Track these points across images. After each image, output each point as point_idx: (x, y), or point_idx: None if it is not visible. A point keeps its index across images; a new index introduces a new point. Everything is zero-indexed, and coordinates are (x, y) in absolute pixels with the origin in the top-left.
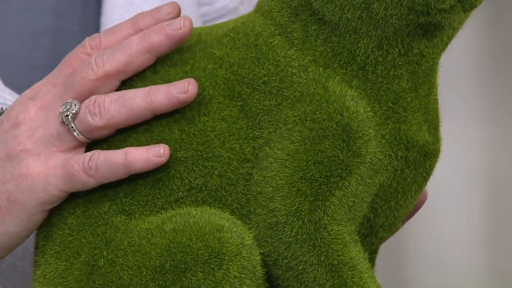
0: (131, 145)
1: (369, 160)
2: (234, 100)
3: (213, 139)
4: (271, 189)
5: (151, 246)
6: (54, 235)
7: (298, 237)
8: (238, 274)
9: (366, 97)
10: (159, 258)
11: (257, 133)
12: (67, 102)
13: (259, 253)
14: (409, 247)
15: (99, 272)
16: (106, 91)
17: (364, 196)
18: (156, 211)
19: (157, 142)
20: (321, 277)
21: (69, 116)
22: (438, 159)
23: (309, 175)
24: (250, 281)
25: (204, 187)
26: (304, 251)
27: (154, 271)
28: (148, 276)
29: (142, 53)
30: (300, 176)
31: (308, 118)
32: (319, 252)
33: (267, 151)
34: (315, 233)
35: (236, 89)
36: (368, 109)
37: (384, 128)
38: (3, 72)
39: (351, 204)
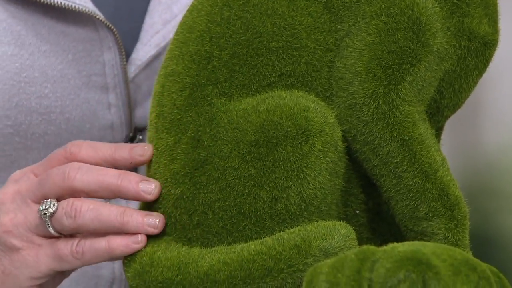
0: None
1: (436, 49)
2: None
3: (301, 32)
4: (350, 75)
5: (247, 124)
6: (165, 114)
7: (374, 116)
8: (322, 148)
9: None
10: (254, 134)
11: (339, 26)
12: (47, 201)
13: (340, 130)
14: (480, 109)
15: (203, 145)
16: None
17: (432, 81)
18: (251, 94)
19: (252, 34)
20: (394, 151)
21: (47, 215)
22: (496, 48)
23: (383, 62)
24: (332, 154)
25: (292, 73)
26: (379, 128)
27: (250, 145)
28: (245, 150)
29: (108, 189)
30: (376, 64)
31: (383, 13)
32: (392, 129)
33: (347, 42)
34: (388, 112)
35: None
36: (436, 4)
37: (449, 21)
38: None
39: (420, 87)
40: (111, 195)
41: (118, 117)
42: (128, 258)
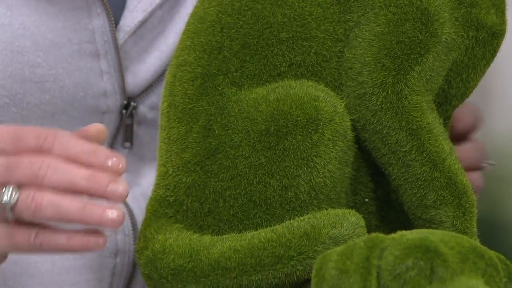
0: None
1: (444, 40)
2: None
3: (311, 22)
4: (359, 65)
5: (258, 113)
6: (176, 103)
7: (383, 105)
8: (331, 137)
9: None
10: (265, 123)
11: (348, 17)
12: (8, 191)
13: (349, 119)
14: (487, 98)
15: (214, 134)
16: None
17: (440, 71)
18: (261, 83)
19: (262, 24)
20: (402, 140)
21: (7, 202)
22: (504, 38)
23: (392, 52)
24: (341, 143)
25: (302, 63)
26: (388, 117)
27: (260, 134)
28: (255, 139)
29: (76, 190)
30: (385, 54)
31: (392, 4)
32: (400, 118)
33: (357, 32)
34: (397, 102)
35: None
36: None
37: (457, 12)
38: None
39: (428, 77)
40: (79, 195)
41: (111, 84)
42: (140, 246)
